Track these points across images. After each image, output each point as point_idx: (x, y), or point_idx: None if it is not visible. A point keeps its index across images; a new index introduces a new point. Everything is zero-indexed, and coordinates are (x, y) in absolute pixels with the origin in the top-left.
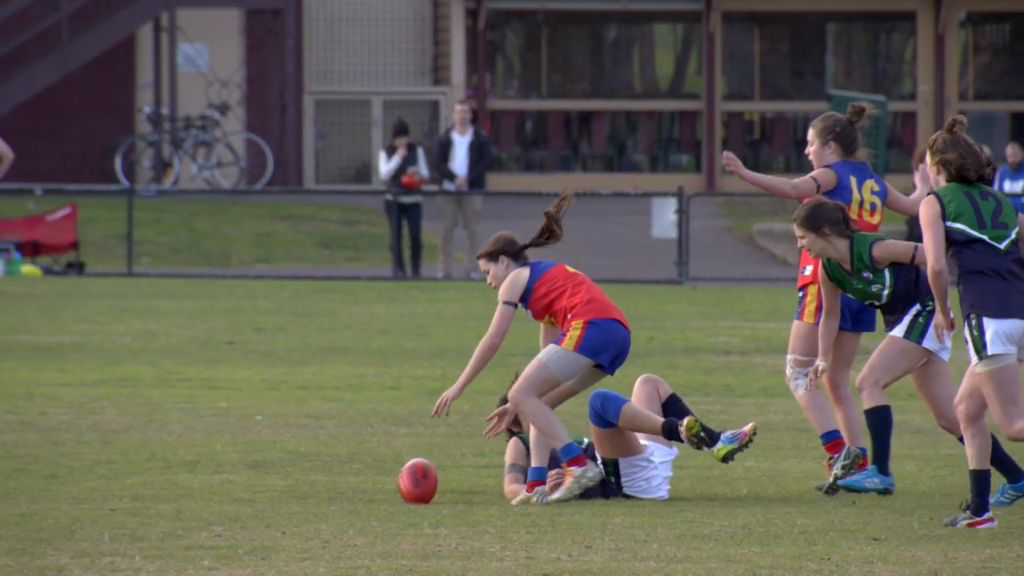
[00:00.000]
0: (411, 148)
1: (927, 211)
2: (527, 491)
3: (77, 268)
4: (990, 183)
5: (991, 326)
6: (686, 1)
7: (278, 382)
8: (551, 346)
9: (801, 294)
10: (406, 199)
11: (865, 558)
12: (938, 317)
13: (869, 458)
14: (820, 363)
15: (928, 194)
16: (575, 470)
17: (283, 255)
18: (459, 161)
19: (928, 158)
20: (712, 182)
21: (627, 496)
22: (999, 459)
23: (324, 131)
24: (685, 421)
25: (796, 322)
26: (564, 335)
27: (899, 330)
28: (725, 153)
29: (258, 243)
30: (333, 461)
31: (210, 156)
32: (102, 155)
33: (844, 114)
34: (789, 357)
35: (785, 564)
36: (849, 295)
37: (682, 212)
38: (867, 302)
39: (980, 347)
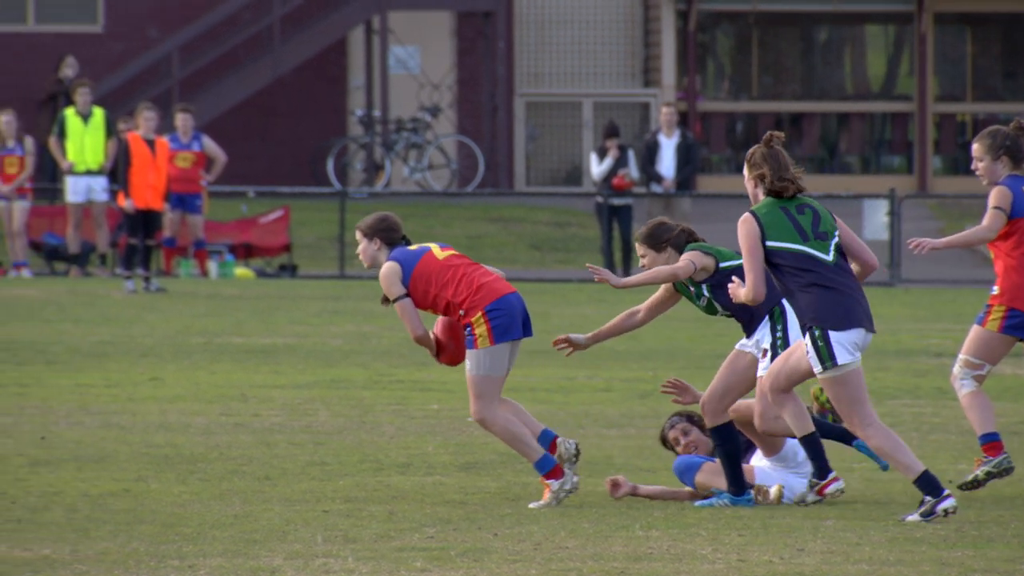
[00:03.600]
0: (622, 150)
1: (746, 233)
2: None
3: (290, 270)
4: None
5: (835, 337)
6: (897, 2)
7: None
8: (470, 353)
9: (988, 305)
10: (617, 201)
11: None
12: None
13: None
14: None
15: (747, 213)
16: (552, 483)
17: (494, 257)
18: (666, 163)
19: (746, 171)
20: (924, 183)
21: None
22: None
23: (535, 133)
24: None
25: (976, 327)
26: (473, 336)
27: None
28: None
29: (469, 245)
30: None
31: (421, 158)
32: (314, 157)
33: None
34: (961, 357)
35: (999, 568)
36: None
37: (894, 214)
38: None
39: (827, 357)
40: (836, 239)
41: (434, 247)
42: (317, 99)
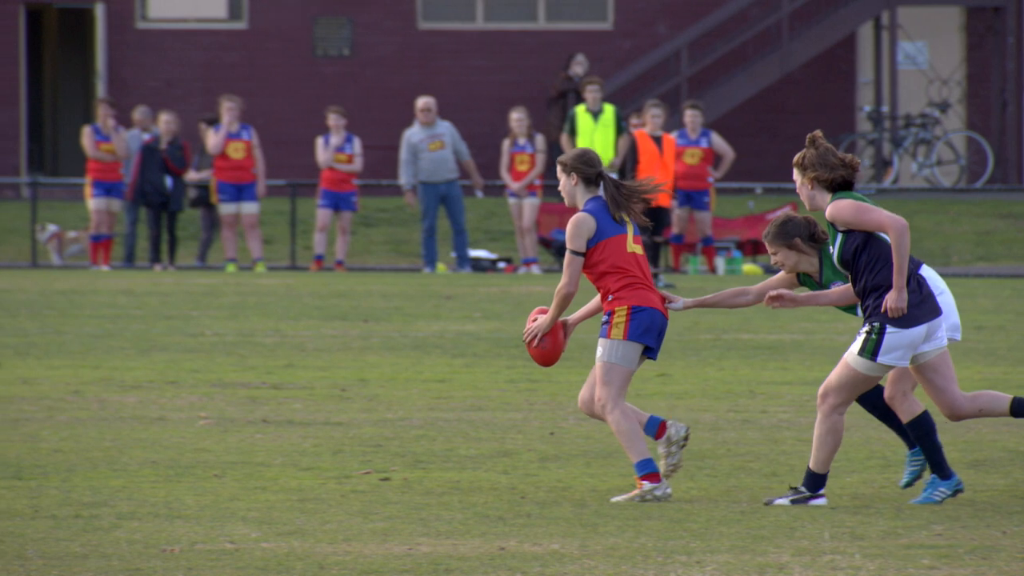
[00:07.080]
0: None
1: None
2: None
3: None
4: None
5: (895, 337)
6: None
7: (996, 381)
8: (603, 341)
9: None
10: None
11: None
12: (893, 297)
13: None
14: None
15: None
16: (646, 484)
17: (1004, 253)
18: None
19: (798, 175)
20: None
21: None
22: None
23: None
24: None
25: None
26: (609, 324)
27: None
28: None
29: (979, 241)
30: None
31: (929, 154)
32: None
33: None
34: None
35: None
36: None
37: None
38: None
39: (871, 351)
40: None
41: (630, 232)
42: (825, 95)
